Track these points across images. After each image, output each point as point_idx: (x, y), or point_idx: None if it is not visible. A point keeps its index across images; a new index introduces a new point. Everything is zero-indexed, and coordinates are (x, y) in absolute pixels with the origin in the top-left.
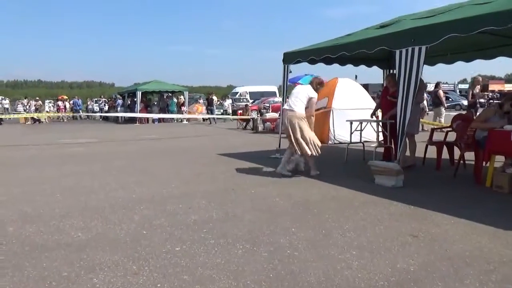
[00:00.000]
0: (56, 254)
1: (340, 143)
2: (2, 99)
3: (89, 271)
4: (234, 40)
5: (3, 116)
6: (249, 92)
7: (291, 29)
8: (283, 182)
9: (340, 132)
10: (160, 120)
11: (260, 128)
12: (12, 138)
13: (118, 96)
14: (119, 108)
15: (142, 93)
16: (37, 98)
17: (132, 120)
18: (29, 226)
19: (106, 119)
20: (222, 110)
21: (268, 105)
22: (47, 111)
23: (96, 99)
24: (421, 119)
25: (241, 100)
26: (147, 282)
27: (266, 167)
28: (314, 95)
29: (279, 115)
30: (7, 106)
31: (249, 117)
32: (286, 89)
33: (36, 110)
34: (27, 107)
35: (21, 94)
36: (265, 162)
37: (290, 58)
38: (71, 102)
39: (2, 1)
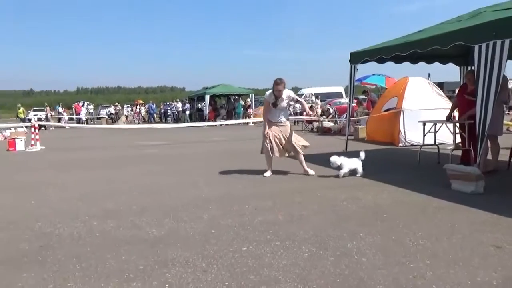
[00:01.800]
0: (133, 248)
1: (412, 145)
2: (88, 104)
3: (162, 266)
4: (300, 42)
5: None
6: (314, 93)
7: (358, 29)
8: (350, 185)
9: (412, 134)
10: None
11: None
12: (95, 140)
13: (178, 100)
14: (187, 112)
15: (210, 97)
16: (117, 103)
17: (200, 121)
18: (110, 221)
19: (176, 121)
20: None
21: (328, 107)
22: (125, 115)
23: (168, 102)
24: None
25: (307, 102)
26: (216, 280)
27: (333, 169)
28: (264, 97)
29: (345, 117)
30: (91, 111)
31: (314, 118)
32: (353, 90)
33: (116, 114)
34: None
35: (103, 99)
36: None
37: (357, 57)
38: (146, 106)
39: (88, 16)
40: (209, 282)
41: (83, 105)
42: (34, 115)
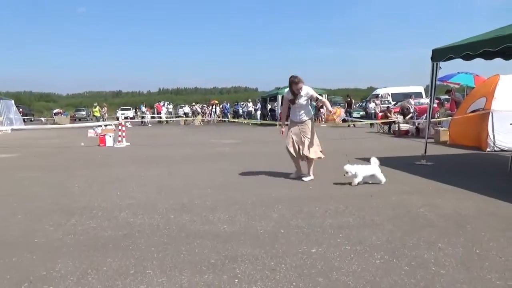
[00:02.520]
0: (206, 242)
1: (502, 150)
2: (168, 104)
3: (232, 262)
4: (376, 40)
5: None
6: (391, 93)
7: (438, 25)
8: (429, 191)
9: (502, 137)
10: None
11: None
12: (173, 138)
13: (249, 100)
14: (258, 112)
15: (282, 97)
16: (193, 103)
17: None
18: (185, 215)
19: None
20: (360, 113)
21: (409, 105)
22: (201, 114)
23: (242, 102)
24: None
25: (382, 102)
26: (283, 280)
27: (410, 174)
28: (284, 95)
29: (425, 118)
30: (171, 110)
31: (390, 120)
32: (434, 90)
33: (193, 113)
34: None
35: (182, 100)
36: (409, 169)
37: (440, 54)
38: (221, 106)
39: (165, 21)
40: (277, 281)
41: (163, 104)
42: (122, 114)
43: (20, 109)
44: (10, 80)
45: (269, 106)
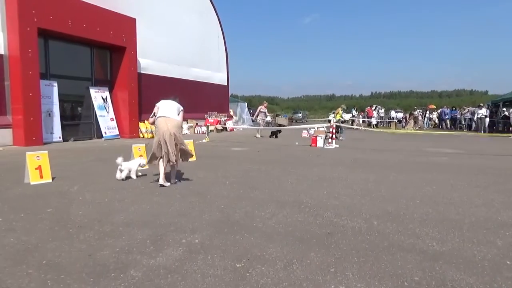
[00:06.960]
0: (410, 256)
1: None
2: (379, 108)
3: (440, 284)
4: None
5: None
6: None
7: None
8: None
9: None
10: None
11: None
12: (382, 143)
13: (481, 105)
14: (487, 120)
15: None
16: (415, 107)
17: (504, 131)
18: (390, 224)
19: (476, 130)
20: None
21: None
22: (413, 120)
23: (465, 108)
24: None
25: None
26: None
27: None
28: None
29: None
30: (382, 114)
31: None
32: None
33: (405, 118)
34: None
35: (394, 103)
36: None
37: None
38: (439, 111)
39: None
40: None
41: (375, 109)
42: (333, 117)
43: (251, 111)
44: (244, 85)
45: (502, 113)
